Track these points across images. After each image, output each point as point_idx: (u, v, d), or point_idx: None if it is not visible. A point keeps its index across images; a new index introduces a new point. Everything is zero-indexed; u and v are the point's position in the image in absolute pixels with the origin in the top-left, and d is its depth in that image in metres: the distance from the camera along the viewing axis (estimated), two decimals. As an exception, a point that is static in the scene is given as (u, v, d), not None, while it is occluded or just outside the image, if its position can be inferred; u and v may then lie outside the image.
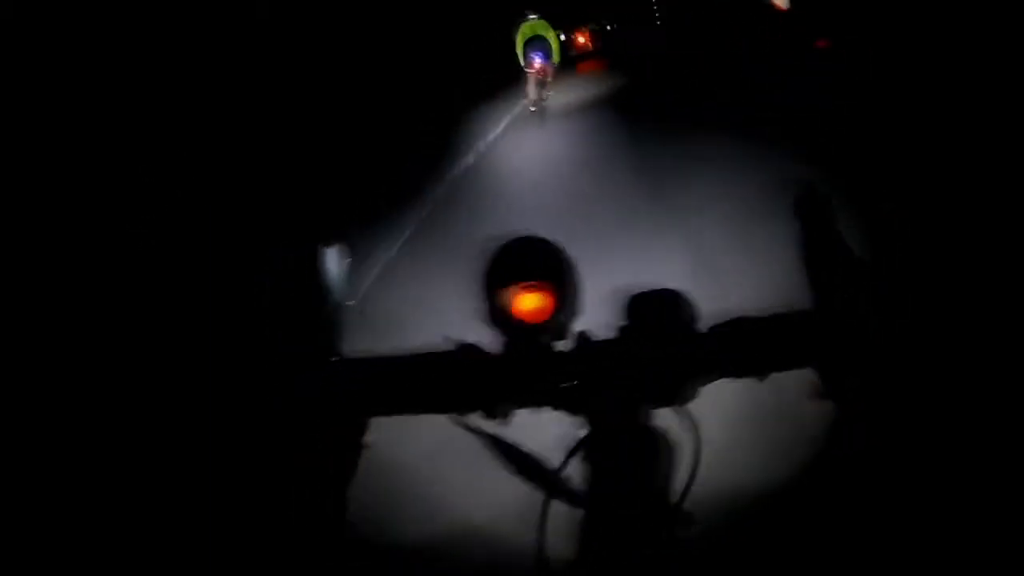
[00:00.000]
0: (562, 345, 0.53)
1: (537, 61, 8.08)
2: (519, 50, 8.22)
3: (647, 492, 0.51)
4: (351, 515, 0.51)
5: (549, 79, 8.44)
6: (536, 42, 8.10)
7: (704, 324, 0.52)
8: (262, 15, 7.63)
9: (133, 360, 2.65)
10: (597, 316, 0.57)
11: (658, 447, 0.51)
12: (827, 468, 1.52)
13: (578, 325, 0.54)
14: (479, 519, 1.56)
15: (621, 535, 0.49)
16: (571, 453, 0.52)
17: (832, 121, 6.02)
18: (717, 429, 0.57)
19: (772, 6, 10.55)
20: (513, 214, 4.37)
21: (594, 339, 0.53)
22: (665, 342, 0.51)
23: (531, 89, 8.46)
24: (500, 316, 0.52)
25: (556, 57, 8.24)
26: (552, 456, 0.53)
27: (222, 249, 4.01)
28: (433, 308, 2.77)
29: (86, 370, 2.57)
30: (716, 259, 3.09)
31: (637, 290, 0.54)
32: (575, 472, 0.52)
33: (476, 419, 0.52)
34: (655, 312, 0.52)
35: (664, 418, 0.53)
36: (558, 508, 0.52)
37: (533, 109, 8.58)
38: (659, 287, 0.54)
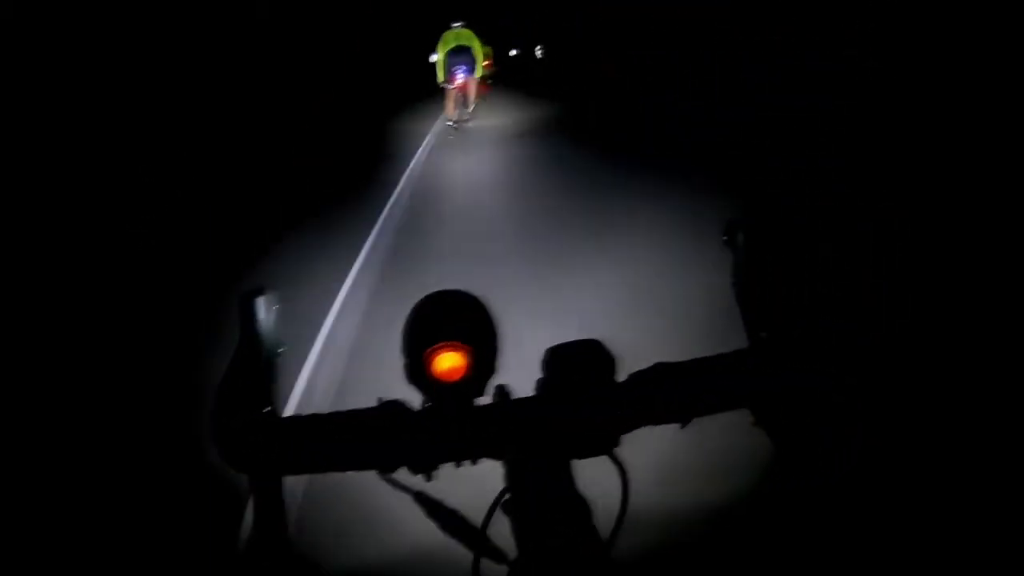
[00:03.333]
0: (482, 400, 0.53)
1: (459, 75, 7.16)
2: (441, 62, 7.21)
3: (574, 543, 0.49)
4: (301, 541, 0.51)
5: (473, 96, 7.53)
6: (460, 53, 7.10)
7: (625, 372, 0.53)
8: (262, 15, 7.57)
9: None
10: (521, 369, 0.57)
11: (583, 497, 0.51)
12: (764, 504, 1.46)
13: (500, 379, 0.54)
14: (423, 554, 1.51)
15: None
16: (493, 508, 0.51)
17: (832, 121, 5.99)
18: (646, 473, 0.55)
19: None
20: (445, 255, 3.97)
21: (513, 394, 0.53)
22: (583, 394, 0.51)
23: (451, 106, 7.50)
24: (419, 374, 0.52)
25: (480, 71, 7.26)
26: (479, 512, 0.53)
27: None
28: (366, 361, 2.58)
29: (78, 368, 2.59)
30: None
31: (556, 342, 0.54)
32: (502, 526, 0.52)
33: (403, 475, 0.52)
34: (574, 364, 0.53)
35: (591, 466, 0.53)
36: (489, 564, 0.51)
37: (455, 127, 7.56)
38: (578, 339, 0.54)
